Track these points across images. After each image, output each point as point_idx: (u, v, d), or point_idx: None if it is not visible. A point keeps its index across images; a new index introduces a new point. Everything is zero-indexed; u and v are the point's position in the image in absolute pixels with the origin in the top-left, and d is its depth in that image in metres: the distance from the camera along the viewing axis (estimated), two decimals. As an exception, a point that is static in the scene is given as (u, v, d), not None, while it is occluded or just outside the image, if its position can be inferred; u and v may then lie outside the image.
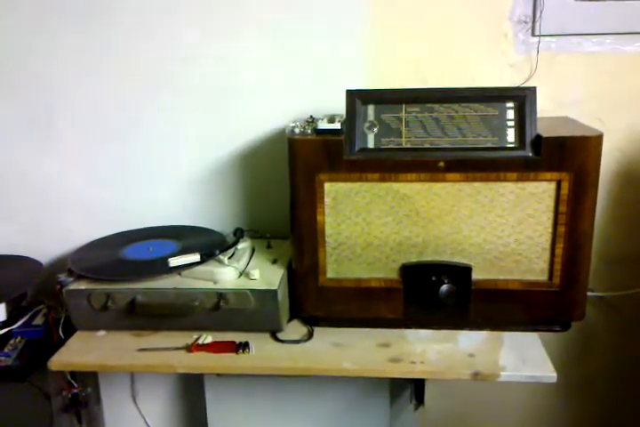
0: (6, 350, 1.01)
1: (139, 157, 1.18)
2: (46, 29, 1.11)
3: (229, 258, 1.01)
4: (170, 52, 1.11)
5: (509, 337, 0.95)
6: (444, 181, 0.89)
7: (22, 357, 1.00)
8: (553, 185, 0.88)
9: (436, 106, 0.90)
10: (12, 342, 1.03)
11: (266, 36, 1.09)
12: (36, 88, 1.15)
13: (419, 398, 1.26)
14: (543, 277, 0.93)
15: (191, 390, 1.34)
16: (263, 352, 0.93)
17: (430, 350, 0.92)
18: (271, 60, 1.10)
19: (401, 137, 0.90)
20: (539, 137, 0.87)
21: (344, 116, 0.92)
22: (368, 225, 0.93)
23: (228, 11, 1.08)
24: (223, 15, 1.09)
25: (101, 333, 1.00)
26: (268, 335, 0.97)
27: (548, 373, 0.87)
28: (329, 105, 1.08)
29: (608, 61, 1.07)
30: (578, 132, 0.88)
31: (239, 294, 0.94)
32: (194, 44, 1.10)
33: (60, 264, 1.20)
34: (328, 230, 0.94)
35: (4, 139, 1.18)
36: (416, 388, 1.26)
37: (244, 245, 1.06)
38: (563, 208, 0.89)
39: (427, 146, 0.90)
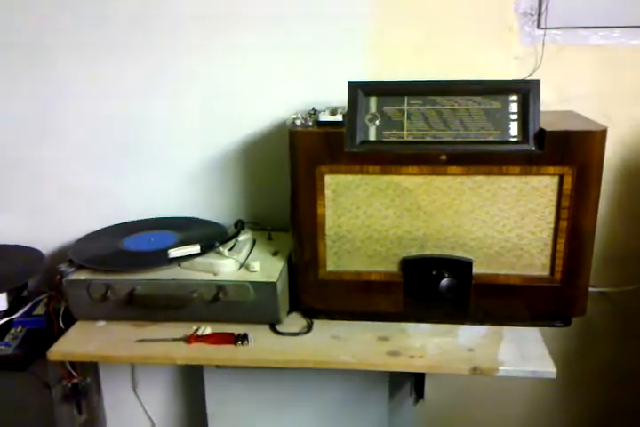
0: (7, 339, 1.02)
1: (141, 148, 1.18)
2: (54, 23, 1.11)
3: (230, 250, 1.00)
4: (171, 43, 1.11)
5: (509, 332, 0.94)
6: (445, 174, 0.89)
7: (23, 346, 1.00)
8: (555, 180, 0.87)
9: (439, 98, 0.89)
10: (12, 331, 1.04)
11: (267, 28, 1.08)
12: (37, 77, 1.15)
13: (418, 392, 1.26)
14: (544, 273, 0.92)
15: (191, 381, 1.34)
16: (262, 344, 0.93)
17: (430, 345, 0.92)
18: (273, 52, 1.10)
19: (403, 130, 0.90)
20: (542, 131, 0.86)
21: (346, 109, 0.92)
22: (369, 218, 0.93)
23: (230, 2, 1.08)
24: (225, 7, 1.08)
25: (101, 323, 1.00)
26: (267, 327, 0.97)
27: (548, 368, 0.87)
28: (332, 97, 1.07)
29: (615, 55, 1.06)
30: (581, 127, 0.88)
31: (239, 285, 0.94)
32: (195, 36, 1.10)
33: (62, 254, 1.20)
34: (328, 223, 0.93)
35: (3, 128, 1.18)
36: (416, 382, 1.26)
37: (244, 237, 1.06)
38: (565, 203, 0.88)
39: (429, 139, 0.89)
